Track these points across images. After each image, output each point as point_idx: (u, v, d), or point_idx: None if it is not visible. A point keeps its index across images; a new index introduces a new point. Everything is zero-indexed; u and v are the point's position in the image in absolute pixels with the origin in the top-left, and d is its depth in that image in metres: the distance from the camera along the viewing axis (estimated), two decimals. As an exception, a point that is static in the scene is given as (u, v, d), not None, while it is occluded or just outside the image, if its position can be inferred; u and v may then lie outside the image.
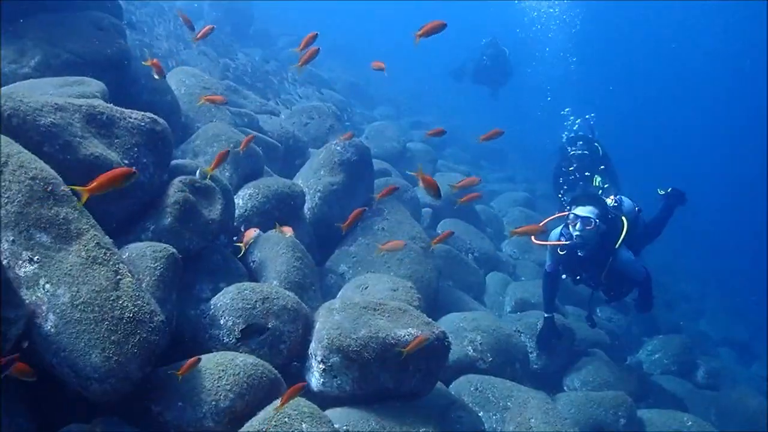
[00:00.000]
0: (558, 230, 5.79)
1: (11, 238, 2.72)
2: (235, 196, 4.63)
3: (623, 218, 5.77)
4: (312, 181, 5.61)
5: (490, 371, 4.86)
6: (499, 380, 4.64)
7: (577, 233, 5.47)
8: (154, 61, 4.26)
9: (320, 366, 3.31)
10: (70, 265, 2.75)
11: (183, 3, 13.29)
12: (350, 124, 10.55)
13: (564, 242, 5.62)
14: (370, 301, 3.61)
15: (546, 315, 5.91)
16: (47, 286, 2.69)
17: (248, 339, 3.30)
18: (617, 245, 5.61)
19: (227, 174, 4.84)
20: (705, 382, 7.64)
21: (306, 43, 4.29)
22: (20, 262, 2.70)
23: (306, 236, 5.09)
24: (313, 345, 3.40)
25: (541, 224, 5.57)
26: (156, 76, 4.35)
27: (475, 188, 5.81)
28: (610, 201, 6.03)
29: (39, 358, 2.64)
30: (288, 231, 3.92)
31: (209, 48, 10.53)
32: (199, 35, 4.72)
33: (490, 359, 4.93)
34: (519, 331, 5.89)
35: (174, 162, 4.10)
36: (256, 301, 3.37)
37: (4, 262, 2.66)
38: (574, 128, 10.40)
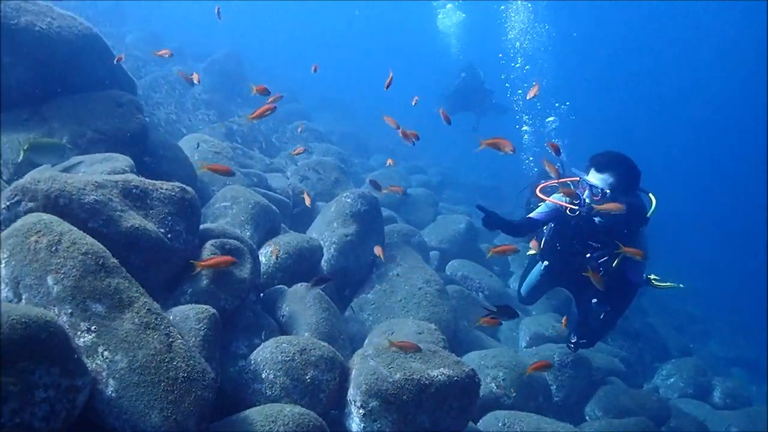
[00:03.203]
0: (559, 195, 5.32)
1: (69, 311, 2.91)
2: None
3: (651, 195, 5.12)
4: (326, 233, 5.83)
5: (515, 406, 5.00)
6: (524, 414, 4.78)
7: (587, 201, 4.98)
8: None
9: (360, 411, 3.46)
10: (125, 332, 2.93)
11: (178, 69, 13.72)
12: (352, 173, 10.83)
13: (573, 205, 5.08)
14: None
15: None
16: (105, 353, 2.87)
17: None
18: (649, 214, 4.95)
19: (248, 233, 5.06)
20: (722, 402, 7.77)
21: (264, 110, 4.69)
22: (79, 332, 2.89)
23: (326, 288, 5.29)
24: (351, 391, 3.55)
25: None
26: None
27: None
28: None
29: (102, 422, 2.79)
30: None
31: (210, 112, 10.90)
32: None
33: (514, 394, 5.07)
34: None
35: (201, 226, 4.33)
36: (294, 353, 3.54)
37: (65, 333, 2.84)
38: (524, 139, 10.48)
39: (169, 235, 3.76)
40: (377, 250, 5.47)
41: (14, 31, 4.76)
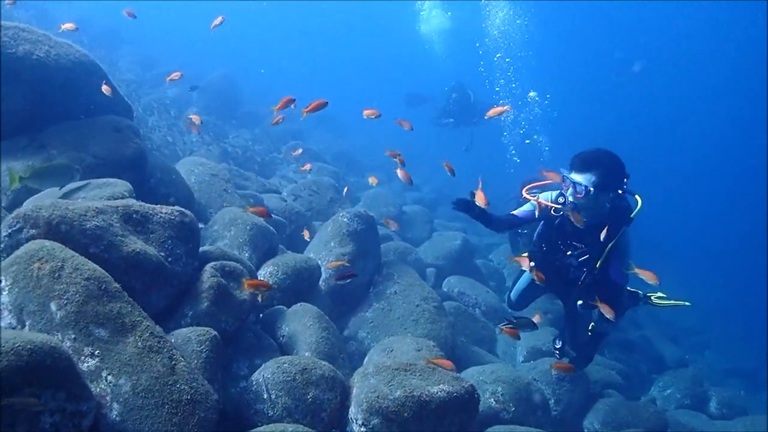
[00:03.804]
0: (546, 195, 5.32)
1: (73, 336, 2.95)
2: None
3: (637, 196, 5.07)
4: (323, 253, 5.89)
5: (514, 421, 5.03)
6: (524, 428, 4.80)
7: (575, 202, 4.90)
8: None
9: (362, 429, 3.50)
10: (129, 356, 2.97)
11: (173, 92, 13.84)
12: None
13: (557, 205, 5.08)
14: (401, 363, 3.84)
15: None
16: (109, 377, 2.91)
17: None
18: (632, 215, 4.95)
19: (246, 255, 5.11)
20: (719, 412, 7.80)
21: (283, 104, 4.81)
22: (83, 357, 2.93)
23: (325, 307, 5.33)
24: (352, 410, 3.59)
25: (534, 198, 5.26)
26: None
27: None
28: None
29: (107, 446, 2.83)
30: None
31: (204, 134, 10.97)
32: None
33: (513, 409, 5.10)
34: (535, 379, 6.08)
35: (201, 249, 4.37)
36: (295, 373, 3.58)
37: (69, 358, 2.88)
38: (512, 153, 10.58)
39: (170, 259, 3.81)
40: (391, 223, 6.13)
41: (13, 60, 4.84)
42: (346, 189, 8.44)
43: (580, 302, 5.38)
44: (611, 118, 37.38)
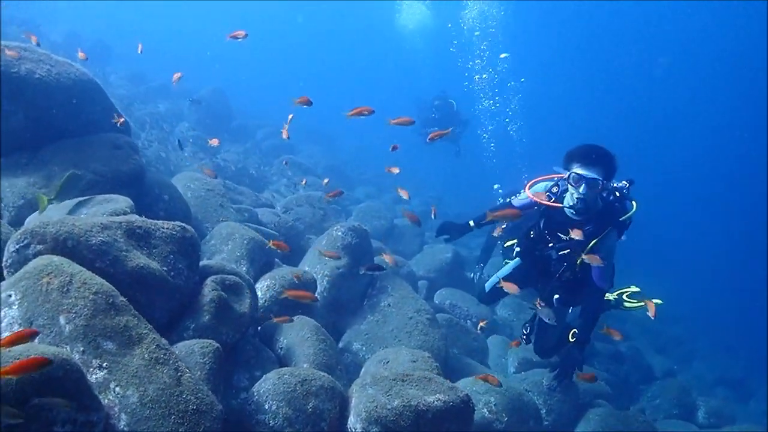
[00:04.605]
0: (542, 186, 5.32)
1: (81, 349, 3.03)
2: (254, 289, 4.98)
3: (633, 202, 5.14)
4: (318, 266, 5.99)
5: (507, 430, 5.15)
6: (517, 438, 4.93)
7: (580, 196, 4.84)
8: None
9: (361, 438, 3.60)
10: (136, 368, 3.06)
11: (165, 106, 13.93)
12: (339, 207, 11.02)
13: (558, 204, 5.07)
14: (398, 373, 3.95)
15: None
16: (117, 389, 2.99)
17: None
18: (623, 219, 5.01)
19: (244, 268, 5.20)
20: (707, 422, 7.96)
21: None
22: (91, 369, 3.01)
23: (321, 320, 5.43)
24: (351, 419, 3.69)
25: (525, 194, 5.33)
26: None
27: None
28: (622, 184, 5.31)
29: (115, 455, 2.91)
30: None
31: (196, 149, 11.08)
32: None
33: (506, 419, 5.21)
34: (527, 389, 6.19)
35: (200, 263, 4.47)
36: (295, 384, 3.68)
37: (78, 371, 2.97)
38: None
39: (172, 273, 3.90)
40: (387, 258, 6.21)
41: (15, 79, 4.94)
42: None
43: (556, 296, 5.49)
44: (608, 119, 37.65)
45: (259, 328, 4.82)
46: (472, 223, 5.67)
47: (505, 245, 6.54)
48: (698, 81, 34.93)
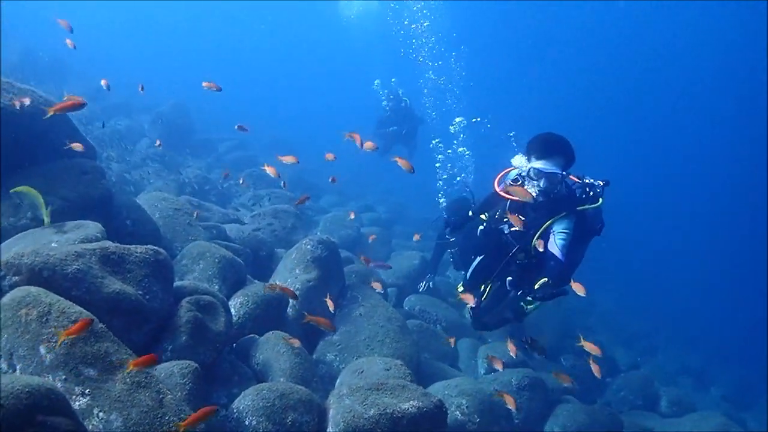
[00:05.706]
0: (513, 174, 5.48)
1: (63, 377, 3.11)
2: (227, 307, 5.07)
3: (600, 198, 5.26)
4: (290, 280, 6.10)
5: (479, 431, 5.33)
6: (489, 438, 5.12)
7: (541, 188, 5.11)
8: None
9: (339, 448, 3.73)
10: (118, 392, 3.15)
11: (126, 123, 13.83)
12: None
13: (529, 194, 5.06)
14: (373, 383, 4.10)
15: None
16: (101, 414, 3.08)
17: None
18: (580, 208, 5.18)
19: (216, 287, 5.28)
20: (669, 411, 8.30)
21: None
22: (74, 396, 3.09)
23: (294, 333, 5.54)
24: (330, 430, 3.82)
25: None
26: None
27: None
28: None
29: (102, 479, 2.99)
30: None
31: (159, 165, 11.06)
32: None
33: (478, 420, 5.39)
34: (497, 390, 6.39)
35: (174, 284, 4.55)
36: (274, 399, 3.80)
37: (61, 398, 3.04)
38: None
39: (147, 296, 3.99)
40: (328, 303, 5.57)
41: (-22, 110, 4.94)
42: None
43: (509, 279, 5.62)
44: (608, 119, 38.00)
45: (234, 345, 4.91)
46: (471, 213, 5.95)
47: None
48: (698, 81, 35.51)
